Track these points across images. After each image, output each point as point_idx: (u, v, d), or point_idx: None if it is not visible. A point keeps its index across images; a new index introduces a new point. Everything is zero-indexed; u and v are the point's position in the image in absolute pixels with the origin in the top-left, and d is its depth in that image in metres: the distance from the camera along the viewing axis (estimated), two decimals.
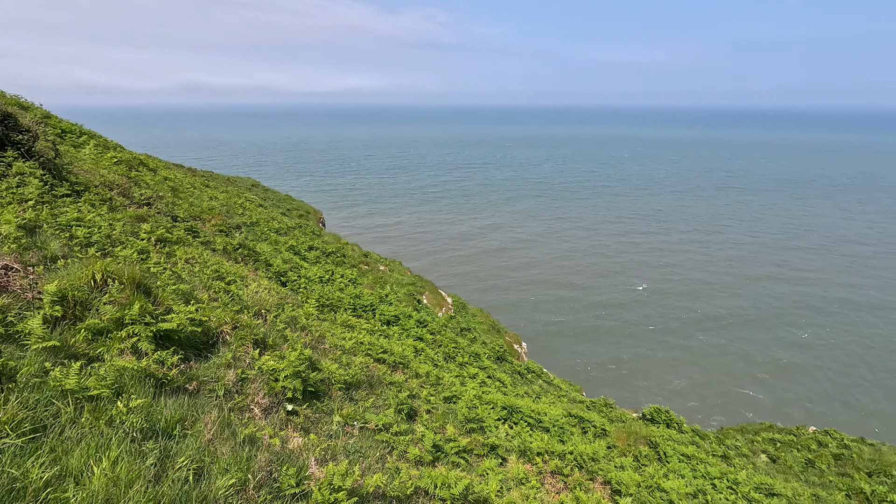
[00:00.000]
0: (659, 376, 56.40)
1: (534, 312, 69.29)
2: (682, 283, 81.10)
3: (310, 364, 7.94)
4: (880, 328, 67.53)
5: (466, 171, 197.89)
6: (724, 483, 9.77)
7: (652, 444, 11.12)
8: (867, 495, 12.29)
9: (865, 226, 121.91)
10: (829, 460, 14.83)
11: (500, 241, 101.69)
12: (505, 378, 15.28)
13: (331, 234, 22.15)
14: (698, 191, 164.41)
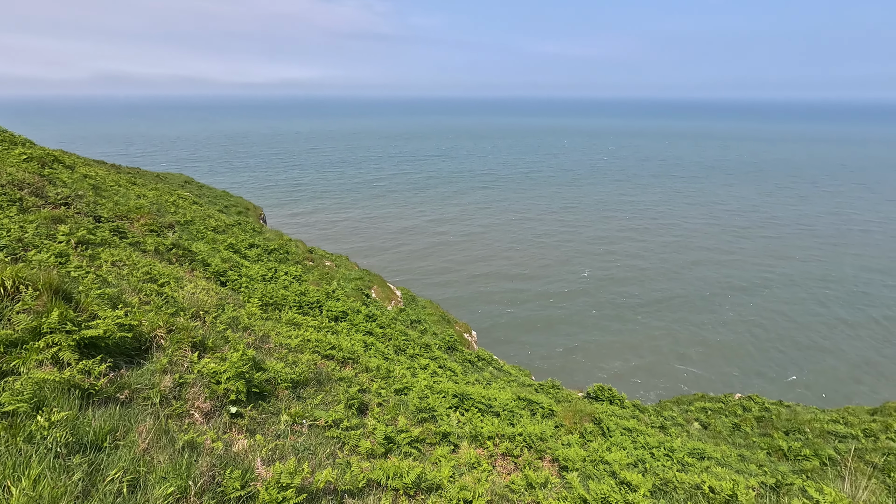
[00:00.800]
0: (603, 357, 59.17)
1: (484, 304, 70.45)
2: (622, 270, 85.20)
3: (254, 364, 7.70)
4: (794, 304, 74.14)
5: (413, 164, 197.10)
6: (662, 451, 10.46)
7: (596, 421, 11.68)
8: (784, 451, 13.62)
9: (782, 209, 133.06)
10: (753, 423, 16.28)
11: (449, 235, 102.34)
12: (456, 367, 15.48)
13: (273, 231, 21.43)
14: (636, 179, 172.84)
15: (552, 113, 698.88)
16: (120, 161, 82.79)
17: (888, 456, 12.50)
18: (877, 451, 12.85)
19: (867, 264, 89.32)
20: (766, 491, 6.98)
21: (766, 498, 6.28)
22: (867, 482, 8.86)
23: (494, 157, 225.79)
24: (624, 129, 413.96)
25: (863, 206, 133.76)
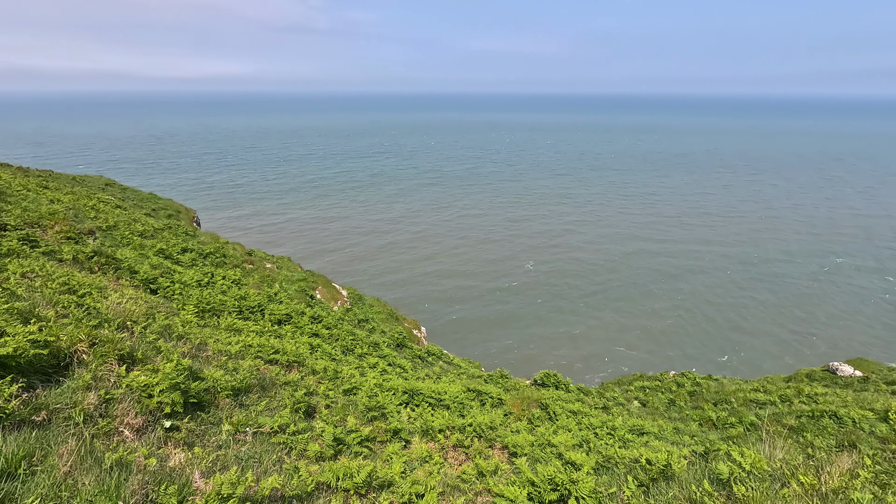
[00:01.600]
0: (550, 345, 61.18)
1: (434, 302, 70.68)
2: (565, 262, 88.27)
3: (190, 374, 7.32)
4: (720, 287, 79.90)
5: (356, 162, 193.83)
6: (605, 430, 10.98)
7: (543, 406, 12.07)
8: (713, 421, 14.73)
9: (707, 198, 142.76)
10: (686, 397, 17.48)
11: (396, 234, 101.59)
12: (406, 363, 15.46)
13: (208, 234, 20.37)
14: (575, 173, 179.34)
15: (492, 108, 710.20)
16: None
17: (801, 418, 13.85)
18: (791, 414, 14.21)
19: (782, 248, 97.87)
20: (697, 458, 7.51)
21: (697, 465, 6.76)
22: (783, 442, 9.71)
23: (438, 153, 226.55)
24: (561, 123, 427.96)
25: (777, 194, 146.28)
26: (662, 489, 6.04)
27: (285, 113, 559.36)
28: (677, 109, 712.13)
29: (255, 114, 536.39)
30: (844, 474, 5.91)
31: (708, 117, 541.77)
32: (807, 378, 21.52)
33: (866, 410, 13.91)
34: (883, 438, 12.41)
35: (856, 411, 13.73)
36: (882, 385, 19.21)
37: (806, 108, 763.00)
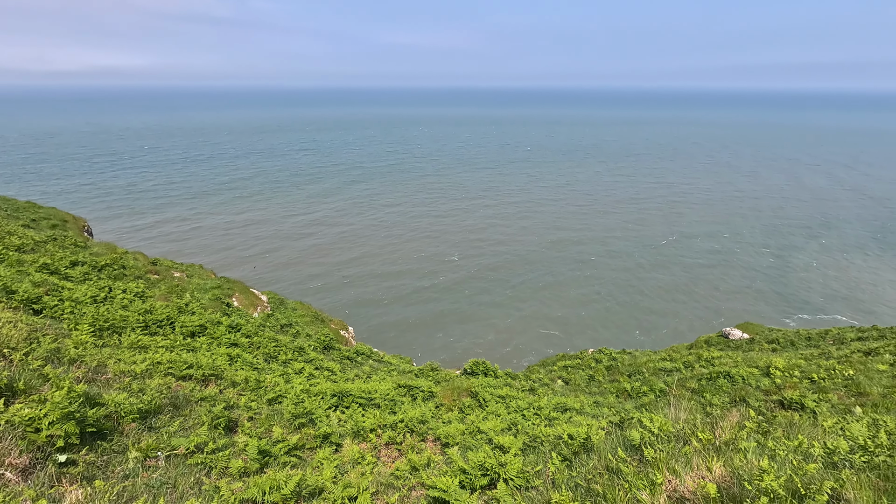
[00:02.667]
0: (479, 334, 62.72)
1: (364, 305, 69.42)
2: (490, 254, 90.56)
3: (87, 401, 6.62)
4: (632, 269, 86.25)
5: (273, 161, 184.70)
6: (531, 411, 11.48)
7: (473, 395, 12.36)
8: (628, 391, 15.98)
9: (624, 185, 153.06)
10: (604, 372, 18.78)
11: (319, 236, 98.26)
12: (334, 366, 15.09)
13: (102, 245, 18.44)
14: (496, 166, 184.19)
15: (410, 103, 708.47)
16: None
17: (701, 380, 15.42)
18: (693, 378, 15.78)
19: (681, 230, 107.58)
20: (613, 428, 8.08)
21: (613, 434, 7.27)
22: (686, 404, 10.69)
23: (359, 149, 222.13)
24: (479, 117, 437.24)
25: (676, 180, 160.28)
26: (584, 461, 6.43)
27: (189, 109, 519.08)
28: (588, 103, 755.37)
29: (154, 110, 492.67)
30: (734, 427, 6.65)
31: (615, 110, 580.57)
32: (705, 344, 23.95)
33: (753, 368, 15.76)
34: (766, 391, 14.14)
35: (744, 370, 15.51)
36: (765, 344, 21.86)
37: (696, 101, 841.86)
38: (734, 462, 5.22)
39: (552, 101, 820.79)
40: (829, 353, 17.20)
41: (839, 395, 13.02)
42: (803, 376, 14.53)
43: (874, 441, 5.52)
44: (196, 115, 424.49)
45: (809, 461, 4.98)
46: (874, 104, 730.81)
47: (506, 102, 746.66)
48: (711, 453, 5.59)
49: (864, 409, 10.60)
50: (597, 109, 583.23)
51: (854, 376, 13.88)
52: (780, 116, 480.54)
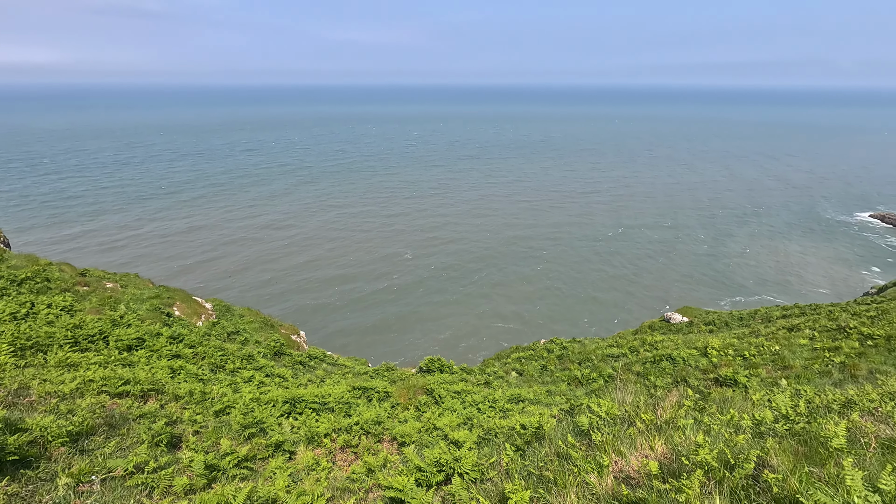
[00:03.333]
0: (434, 331, 62.90)
1: (319, 310, 67.75)
2: (442, 252, 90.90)
3: (6, 427, 6.10)
4: (578, 261, 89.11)
5: (213, 162, 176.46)
6: (487, 404, 11.65)
7: (429, 392, 12.39)
8: (579, 378, 16.58)
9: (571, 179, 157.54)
10: (555, 361, 19.36)
11: (268, 241, 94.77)
12: (285, 372, 14.69)
13: (22, 257, 16.98)
14: (446, 163, 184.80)
15: (357, 101, 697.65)
16: None
17: (645, 364, 16.23)
18: (638, 362, 16.58)
19: (626, 222, 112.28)
20: (564, 415, 8.34)
21: (564, 421, 7.50)
22: (632, 387, 11.17)
23: (305, 149, 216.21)
24: (428, 115, 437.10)
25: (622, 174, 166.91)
26: (536, 449, 6.60)
27: (117, 108, 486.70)
28: (533, 100, 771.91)
29: (77, 109, 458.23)
30: (674, 406, 7.03)
31: (560, 106, 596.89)
32: (649, 329, 25.19)
33: (692, 349, 16.75)
34: (704, 370, 15.06)
35: (685, 351, 16.45)
36: (702, 326, 23.27)
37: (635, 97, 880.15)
38: (674, 439, 5.52)
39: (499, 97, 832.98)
40: (758, 332, 18.55)
41: (767, 369, 14.07)
42: (736, 354, 15.59)
43: (795, 410, 6.00)
44: (125, 115, 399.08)
45: (739, 433, 5.34)
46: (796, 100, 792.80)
47: (454, 99, 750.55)
48: (654, 432, 5.88)
49: (788, 381, 11.51)
50: (542, 106, 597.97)
51: (780, 351, 15.04)
52: (713, 112, 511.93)
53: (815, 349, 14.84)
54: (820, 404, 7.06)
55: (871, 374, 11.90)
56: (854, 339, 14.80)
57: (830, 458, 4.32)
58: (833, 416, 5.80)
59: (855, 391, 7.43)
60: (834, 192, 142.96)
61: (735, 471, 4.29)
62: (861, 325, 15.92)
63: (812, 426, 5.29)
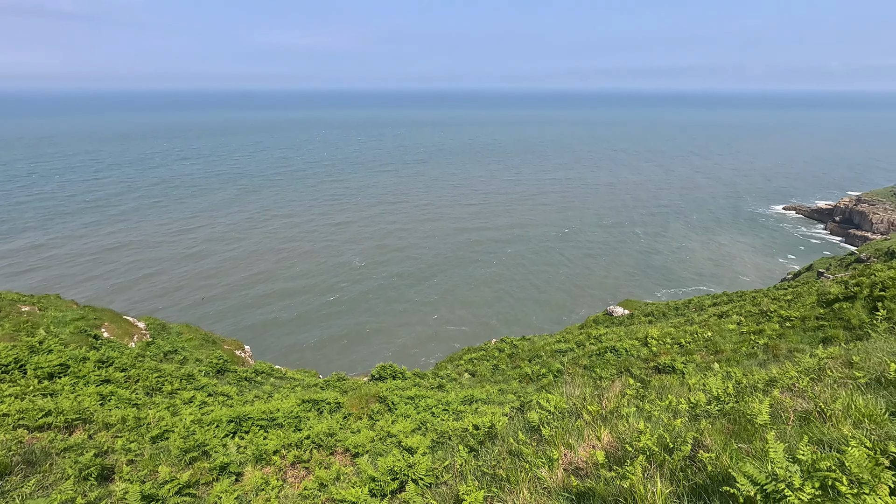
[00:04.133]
0: (387, 338, 62.24)
1: (269, 326, 65.06)
2: (393, 258, 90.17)
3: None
4: (524, 262, 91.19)
5: (140, 172, 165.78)
6: (440, 408, 11.65)
7: (381, 399, 12.23)
8: (530, 375, 16.96)
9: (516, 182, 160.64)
10: (506, 360, 19.70)
11: (209, 255, 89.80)
12: (230, 390, 14.01)
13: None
14: (390, 168, 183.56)
15: (297, 106, 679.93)
16: None
17: (591, 357, 16.86)
18: (585, 355, 17.20)
19: (574, 222, 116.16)
20: (516, 413, 8.48)
21: (515, 419, 7.62)
22: (580, 380, 11.53)
23: (247, 156, 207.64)
24: (372, 120, 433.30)
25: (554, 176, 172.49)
26: (489, 448, 6.67)
27: (29, 115, 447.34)
28: (476, 104, 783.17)
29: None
30: (618, 396, 7.34)
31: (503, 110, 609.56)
32: (594, 323, 26.17)
33: (634, 340, 17.55)
34: (645, 359, 15.83)
35: (627, 342, 17.22)
36: (642, 317, 24.45)
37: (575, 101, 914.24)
38: (618, 428, 5.75)
39: (441, 102, 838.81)
40: (692, 320, 19.75)
41: (702, 354, 14.99)
42: (673, 342, 16.51)
43: (725, 392, 6.41)
44: (39, 122, 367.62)
45: (677, 417, 5.64)
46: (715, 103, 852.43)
47: (396, 104, 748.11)
48: (599, 423, 6.10)
49: (720, 365, 12.32)
50: (485, 110, 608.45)
51: (712, 337, 16.08)
52: (645, 114, 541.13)
53: (742, 333, 15.99)
54: (747, 384, 7.59)
55: (790, 352, 12.97)
56: (775, 322, 16.08)
57: (756, 434, 4.65)
58: (758, 394, 6.25)
59: (776, 370, 8.04)
60: (754, 186, 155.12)
61: (674, 453, 4.52)
62: (780, 308, 17.33)
63: (740, 405, 5.68)
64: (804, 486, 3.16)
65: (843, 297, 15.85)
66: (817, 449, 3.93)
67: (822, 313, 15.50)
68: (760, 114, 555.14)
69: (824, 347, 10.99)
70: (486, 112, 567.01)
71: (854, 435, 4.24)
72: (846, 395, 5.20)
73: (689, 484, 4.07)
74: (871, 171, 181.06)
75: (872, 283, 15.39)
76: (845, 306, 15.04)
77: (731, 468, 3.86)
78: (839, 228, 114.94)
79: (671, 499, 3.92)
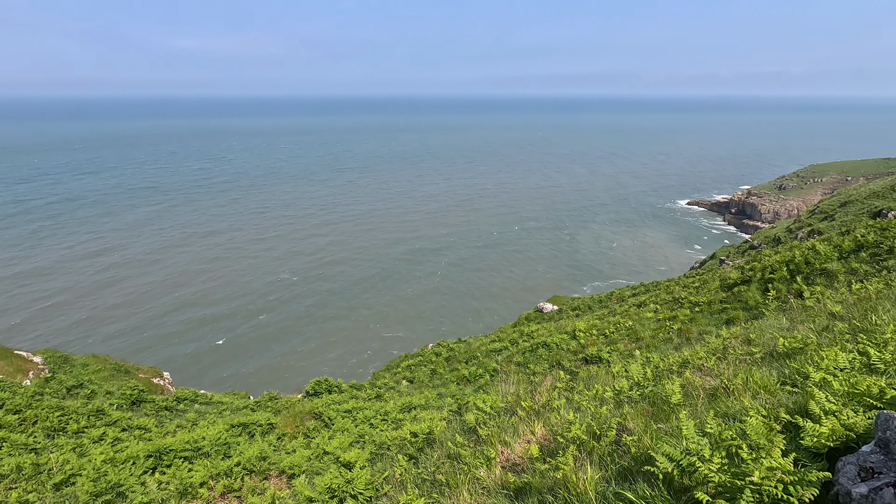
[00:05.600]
0: (322, 352, 60.34)
1: (195, 354, 60.45)
2: (326, 271, 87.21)
3: None
4: (456, 264, 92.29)
5: (34, 187, 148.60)
6: (379, 418, 11.46)
7: (317, 416, 11.82)
8: (467, 377, 17.19)
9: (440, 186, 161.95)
10: (443, 364, 19.84)
11: (122, 280, 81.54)
12: (147, 422, 12.89)
13: None
14: (317, 177, 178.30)
15: (211, 113, 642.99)
16: None
17: (525, 353, 17.42)
18: (519, 353, 17.73)
19: (505, 224, 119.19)
20: (454, 416, 8.54)
21: (454, 422, 7.68)
22: (515, 377, 11.84)
23: (161, 168, 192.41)
24: (292, 127, 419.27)
25: (488, 181, 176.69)
26: (428, 455, 6.66)
27: None
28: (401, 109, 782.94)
29: None
30: (549, 389, 7.62)
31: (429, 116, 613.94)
32: (526, 320, 27.03)
33: (563, 334, 18.35)
34: (575, 352, 16.59)
35: (557, 337, 17.96)
36: (570, 312, 25.62)
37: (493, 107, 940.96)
38: (551, 421, 5.97)
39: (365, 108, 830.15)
40: (614, 311, 21.01)
41: (625, 343, 15.97)
42: (599, 333, 17.45)
43: (644, 377, 6.87)
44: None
45: (603, 405, 5.96)
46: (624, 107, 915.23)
47: (320, 111, 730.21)
48: (533, 418, 6.30)
49: (641, 351, 13.19)
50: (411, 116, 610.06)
51: (632, 326, 17.18)
52: (565, 119, 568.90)
53: (658, 320, 17.24)
54: (664, 368, 8.19)
55: (701, 335, 14.17)
56: (686, 308, 17.51)
57: (672, 414, 5.02)
58: (673, 376, 6.77)
59: (688, 352, 8.75)
60: (663, 183, 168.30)
61: (601, 440, 4.77)
62: (690, 295, 18.90)
63: (658, 388, 6.12)
64: (713, 456, 3.45)
65: (740, 281, 17.59)
66: (723, 422, 4.32)
67: (725, 297, 17.10)
68: (663, 117, 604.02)
69: (727, 328, 12.12)
70: (412, 118, 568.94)
71: (753, 405, 4.71)
72: (745, 371, 5.77)
73: (615, 468, 4.31)
74: (759, 167, 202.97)
75: (763, 267, 17.21)
76: (743, 289, 16.70)
77: (651, 448, 4.13)
78: (735, 219, 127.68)
79: (601, 483, 4.13)
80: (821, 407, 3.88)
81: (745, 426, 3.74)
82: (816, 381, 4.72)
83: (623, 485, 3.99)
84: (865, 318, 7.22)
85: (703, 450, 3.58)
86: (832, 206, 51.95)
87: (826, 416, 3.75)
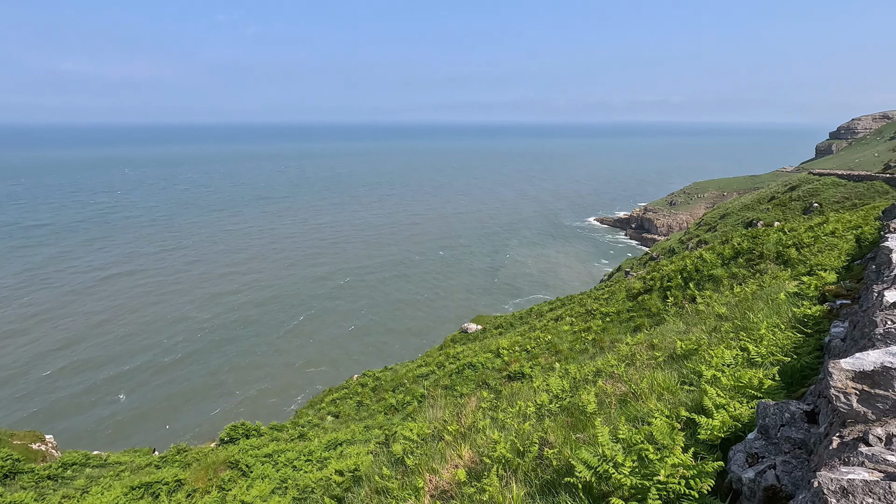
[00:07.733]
0: (237, 394, 56.10)
1: (81, 406, 53.11)
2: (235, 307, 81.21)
3: None
4: (379, 291, 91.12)
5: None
6: (303, 459, 10.81)
7: (233, 465, 10.89)
8: (395, 405, 16.83)
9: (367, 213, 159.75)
10: (370, 394, 19.27)
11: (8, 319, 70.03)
12: (24, 496, 11.08)
13: None
14: (225, 207, 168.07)
15: (106, 141, 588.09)
16: None
17: (451, 376, 17.45)
18: (445, 375, 17.73)
19: (423, 248, 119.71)
20: (381, 448, 8.28)
21: (381, 454, 7.44)
22: (442, 401, 11.77)
23: (42, 202, 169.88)
24: (196, 155, 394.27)
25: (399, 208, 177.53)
26: (355, 493, 6.37)
27: None
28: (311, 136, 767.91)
29: None
30: (474, 410, 7.67)
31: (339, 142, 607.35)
32: (451, 342, 27.18)
33: (488, 353, 18.67)
34: (499, 369, 16.91)
35: (482, 356, 18.22)
36: (493, 330, 26.18)
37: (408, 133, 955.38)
38: (477, 442, 5.99)
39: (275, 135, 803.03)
40: (534, 326, 21.81)
41: (545, 357, 16.58)
42: (521, 349, 17.98)
43: (563, 389, 7.15)
44: None
45: (526, 421, 6.10)
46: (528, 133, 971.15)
47: (227, 138, 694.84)
48: (460, 441, 6.28)
49: (560, 364, 13.76)
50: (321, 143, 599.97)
51: (551, 340, 17.92)
52: (474, 144, 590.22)
53: (575, 332, 18.15)
54: (580, 378, 8.59)
55: (612, 343, 15.09)
56: (598, 319, 18.63)
57: (589, 423, 5.26)
58: (588, 385, 7.11)
59: (601, 361, 9.27)
60: (569, 203, 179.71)
61: (525, 456, 4.86)
62: (601, 306, 20.16)
63: (575, 399, 6.39)
64: (625, 461, 3.64)
65: (643, 290, 19.10)
66: (633, 426, 4.60)
67: (632, 306, 18.44)
68: (566, 142, 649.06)
69: (634, 335, 13.03)
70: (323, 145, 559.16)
71: (658, 407, 5.07)
72: (650, 374, 6.21)
73: (539, 482, 4.40)
74: (652, 185, 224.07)
75: (662, 276, 18.85)
76: (646, 298, 18.13)
77: (571, 459, 4.28)
78: (635, 233, 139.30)
79: (526, 499, 4.19)
80: (713, 402, 4.27)
81: (652, 428, 4.01)
82: (708, 378, 5.20)
83: (547, 498, 4.08)
84: (745, 317, 8.14)
85: (616, 455, 3.78)
86: (714, 218, 58.57)
87: (717, 409, 4.13)
